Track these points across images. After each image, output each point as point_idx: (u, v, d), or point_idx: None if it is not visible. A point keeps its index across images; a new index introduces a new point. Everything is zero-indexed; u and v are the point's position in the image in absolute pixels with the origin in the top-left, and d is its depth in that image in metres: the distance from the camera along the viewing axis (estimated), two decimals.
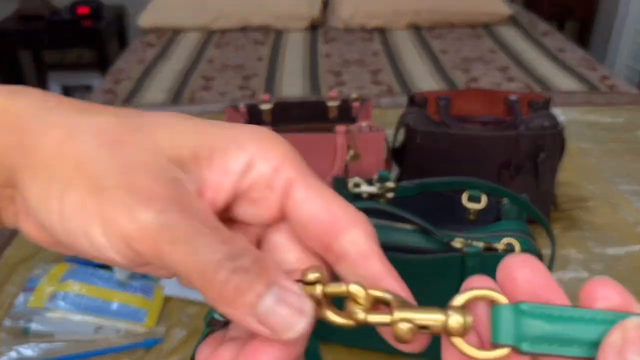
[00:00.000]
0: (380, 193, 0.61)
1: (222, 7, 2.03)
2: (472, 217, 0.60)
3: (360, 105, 0.88)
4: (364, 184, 0.61)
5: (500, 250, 0.53)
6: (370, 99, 0.90)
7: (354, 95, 0.89)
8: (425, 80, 1.57)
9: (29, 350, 0.63)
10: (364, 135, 0.79)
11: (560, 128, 0.79)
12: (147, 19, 2.01)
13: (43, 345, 0.64)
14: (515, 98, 0.84)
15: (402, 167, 0.83)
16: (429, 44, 1.86)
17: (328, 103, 0.88)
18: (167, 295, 0.70)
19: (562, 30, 2.30)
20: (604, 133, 1.12)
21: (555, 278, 0.21)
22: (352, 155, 0.78)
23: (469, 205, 0.59)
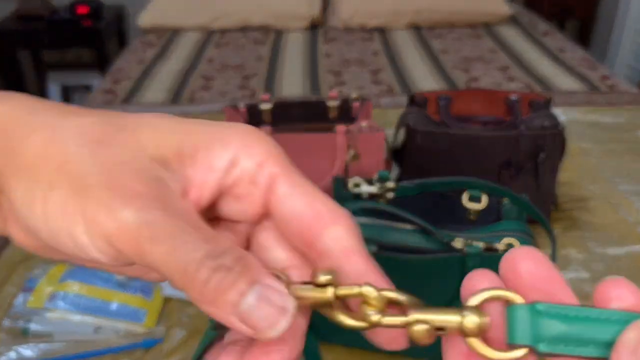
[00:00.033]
0: (381, 193, 0.61)
1: (222, 6, 2.03)
2: (472, 217, 0.60)
3: (360, 105, 0.88)
4: (364, 184, 0.61)
5: (501, 251, 0.53)
6: (370, 99, 0.89)
7: (354, 95, 0.89)
8: (426, 80, 1.57)
9: (28, 351, 0.63)
10: (364, 135, 0.79)
11: (561, 128, 0.78)
12: (146, 19, 2.01)
13: (42, 346, 0.64)
14: (516, 98, 0.84)
15: (402, 167, 0.83)
16: (429, 44, 1.86)
17: (328, 103, 0.87)
18: (166, 296, 0.70)
19: (562, 30, 2.30)
20: (605, 133, 1.12)
21: None
22: (352, 155, 0.78)
23: (469, 206, 0.59)
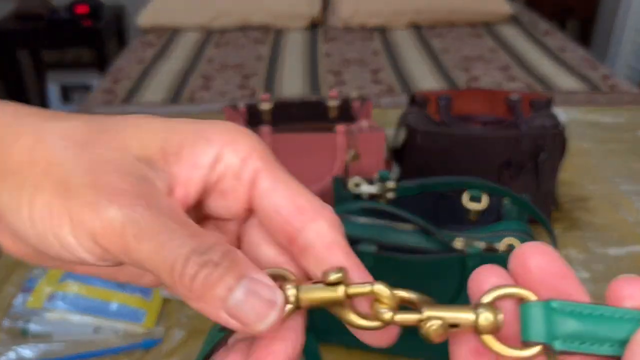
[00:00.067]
0: (381, 193, 0.60)
1: (221, 6, 2.03)
2: (472, 217, 0.60)
3: (361, 105, 0.88)
4: (364, 184, 0.61)
5: (501, 251, 0.53)
6: (371, 99, 0.89)
7: (354, 95, 0.89)
8: (426, 80, 1.56)
9: (28, 351, 0.63)
10: (364, 135, 0.79)
11: (561, 128, 0.78)
12: (146, 19, 2.01)
13: (42, 346, 0.64)
14: (517, 98, 0.84)
15: (402, 167, 0.83)
16: (430, 43, 1.86)
17: (328, 103, 0.87)
18: (165, 296, 0.70)
19: (563, 30, 2.30)
20: (605, 133, 1.12)
21: None
22: (352, 155, 0.78)
23: (470, 206, 0.59)
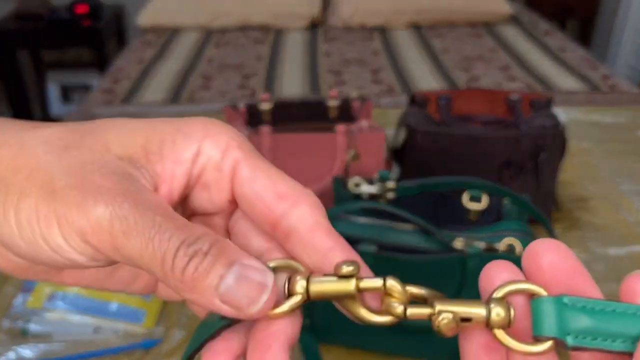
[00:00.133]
0: (381, 193, 0.60)
1: (221, 6, 2.03)
2: (472, 217, 0.60)
3: (361, 105, 0.88)
4: (364, 184, 0.61)
5: (501, 251, 0.53)
6: (371, 99, 0.89)
7: (354, 95, 0.89)
8: (426, 80, 1.56)
9: (28, 351, 0.63)
10: (364, 135, 0.79)
11: (561, 128, 0.78)
12: (146, 18, 2.01)
13: (42, 346, 0.64)
14: (517, 98, 0.84)
15: (402, 167, 0.83)
16: (430, 43, 1.86)
17: (328, 103, 0.87)
18: None
19: (563, 30, 2.29)
20: (605, 133, 1.12)
21: None
22: (352, 155, 0.78)
23: (470, 206, 0.59)
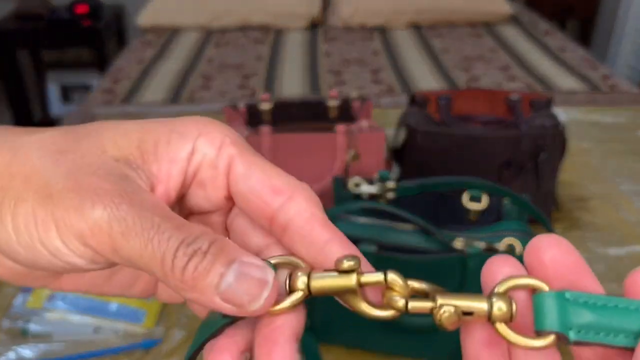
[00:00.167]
0: (381, 193, 0.60)
1: (221, 6, 2.03)
2: (472, 217, 0.60)
3: (361, 105, 0.88)
4: (364, 184, 0.61)
5: (501, 251, 0.53)
6: (371, 99, 0.89)
7: (354, 95, 0.89)
8: (426, 80, 1.56)
9: (28, 351, 0.63)
10: (364, 135, 0.79)
11: (561, 128, 0.78)
12: (146, 18, 2.01)
13: (42, 346, 0.64)
14: (517, 98, 0.84)
15: (402, 167, 0.83)
16: (430, 43, 1.86)
17: (328, 103, 0.87)
18: None
19: (563, 30, 2.29)
20: (605, 133, 1.12)
21: None
22: (352, 155, 0.78)
23: (470, 206, 0.59)
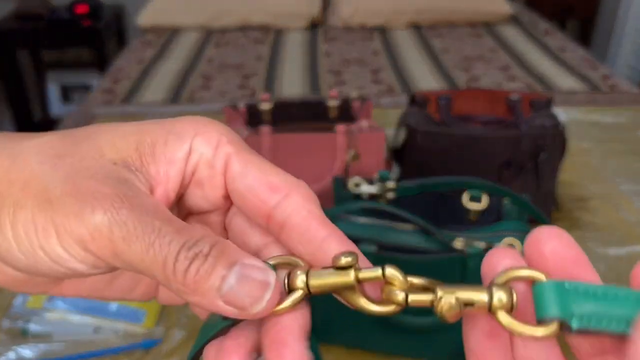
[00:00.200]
0: (381, 193, 0.60)
1: (221, 6, 2.03)
2: (472, 217, 0.60)
3: (361, 105, 0.88)
4: (364, 184, 0.61)
5: None
6: (371, 99, 0.89)
7: (354, 95, 0.89)
8: (426, 80, 1.56)
9: (28, 351, 0.63)
10: (364, 135, 0.79)
11: (561, 128, 0.78)
12: (146, 18, 2.01)
13: (42, 346, 0.64)
14: (517, 98, 0.84)
15: (402, 167, 0.83)
16: (430, 43, 1.86)
17: (328, 103, 0.87)
18: None
19: (563, 30, 2.29)
20: (605, 133, 1.12)
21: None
22: (352, 155, 0.78)
23: (470, 206, 0.59)
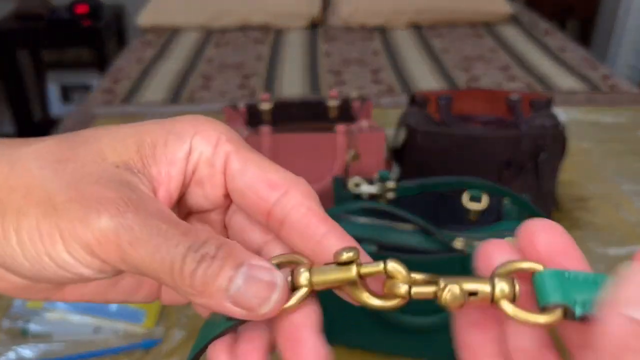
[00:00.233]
0: (381, 193, 0.60)
1: (221, 6, 2.03)
2: (472, 217, 0.60)
3: (361, 105, 0.88)
4: (364, 184, 0.61)
5: None
6: (371, 99, 0.89)
7: (354, 95, 0.89)
8: (426, 80, 1.56)
9: (28, 351, 0.63)
10: (364, 135, 0.79)
11: (561, 128, 0.78)
12: (146, 18, 2.01)
13: (42, 346, 0.64)
14: (517, 98, 0.84)
15: (402, 167, 0.83)
16: (430, 43, 1.86)
17: (328, 103, 0.87)
18: None
19: (563, 30, 2.29)
20: (606, 133, 1.12)
21: None
22: (352, 155, 0.78)
23: (470, 206, 0.59)
